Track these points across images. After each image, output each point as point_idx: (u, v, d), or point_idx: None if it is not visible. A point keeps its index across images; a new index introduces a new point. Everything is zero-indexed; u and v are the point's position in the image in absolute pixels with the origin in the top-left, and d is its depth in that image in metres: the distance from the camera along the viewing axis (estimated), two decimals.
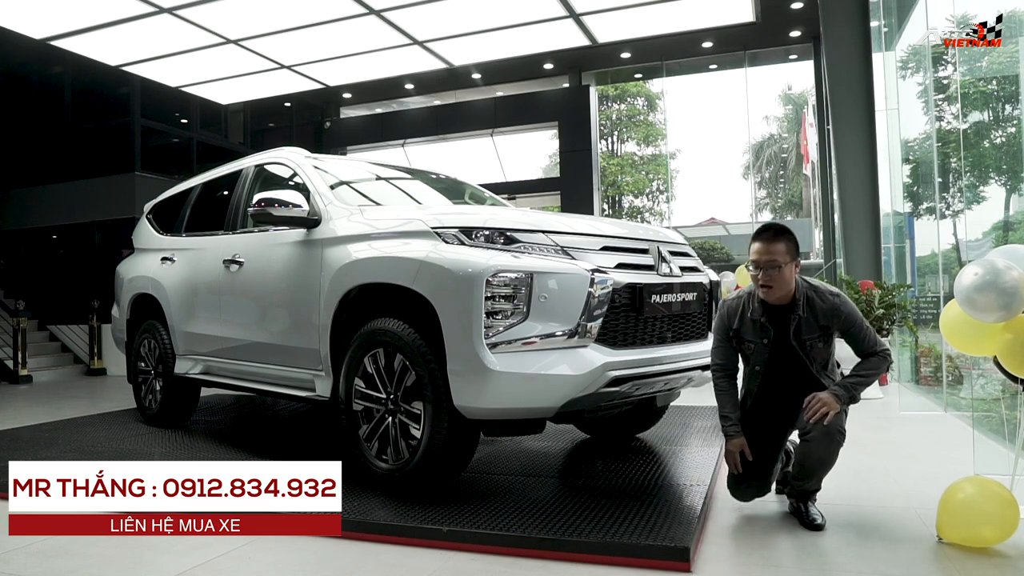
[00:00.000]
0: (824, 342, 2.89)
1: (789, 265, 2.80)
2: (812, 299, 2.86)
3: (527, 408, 2.89)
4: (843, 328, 2.87)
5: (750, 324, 2.94)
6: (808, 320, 2.85)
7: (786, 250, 2.80)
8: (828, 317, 2.85)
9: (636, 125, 23.33)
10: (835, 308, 2.85)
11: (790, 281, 2.83)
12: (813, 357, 2.89)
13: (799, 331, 2.87)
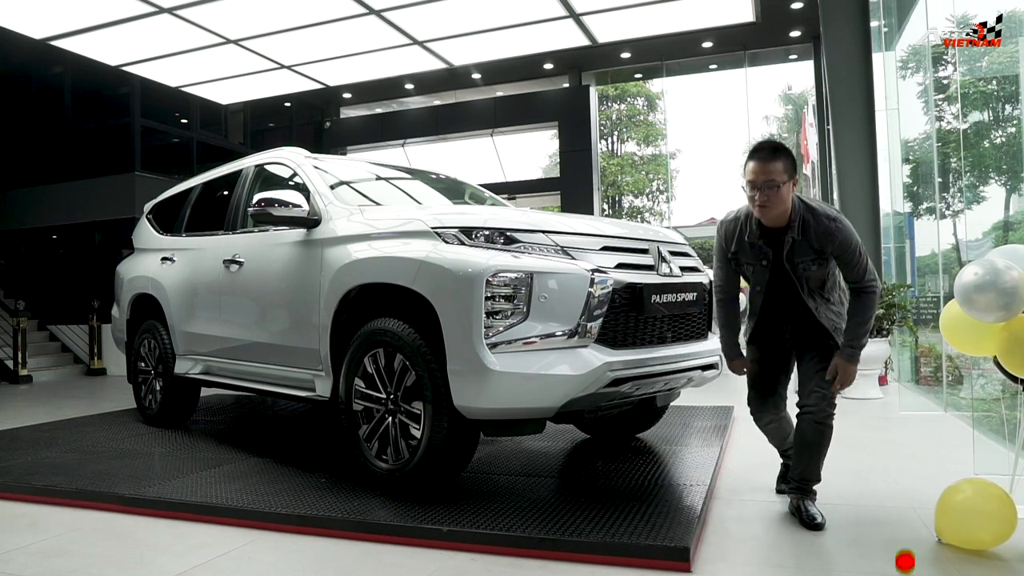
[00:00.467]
0: (818, 265, 2.81)
1: (787, 184, 2.72)
2: (807, 221, 2.77)
3: (527, 408, 2.89)
4: (837, 253, 2.79)
5: (747, 247, 2.90)
6: (802, 243, 2.78)
7: (783, 168, 2.72)
8: (822, 240, 2.75)
9: (636, 125, 23.33)
10: (829, 232, 2.74)
11: (787, 201, 2.75)
12: (806, 280, 2.83)
13: (792, 253, 2.80)
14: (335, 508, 3.01)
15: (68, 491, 3.51)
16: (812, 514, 2.82)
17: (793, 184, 2.74)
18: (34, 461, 4.18)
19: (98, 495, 3.42)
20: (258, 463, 3.96)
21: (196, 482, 3.56)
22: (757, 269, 2.91)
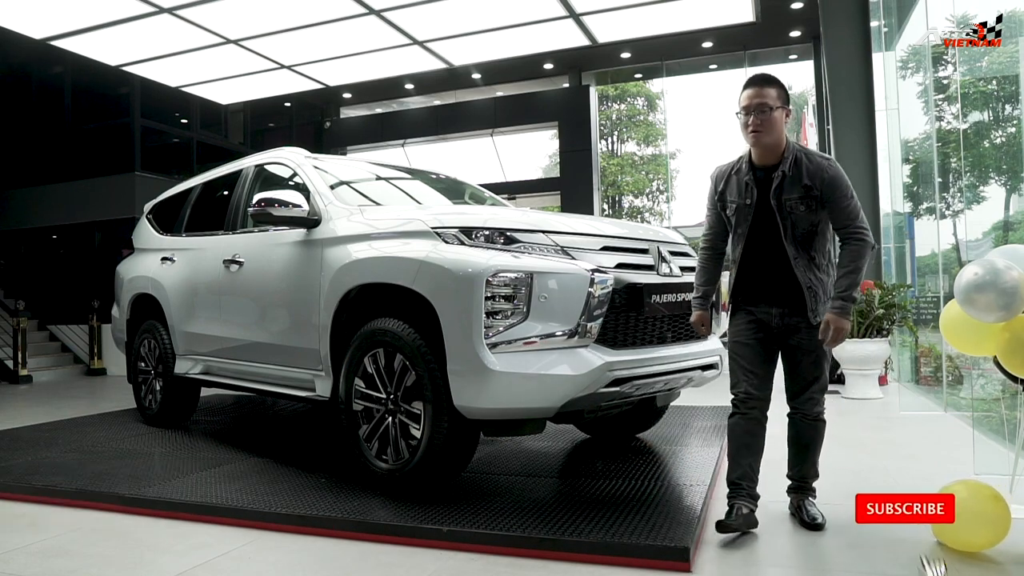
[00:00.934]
0: (806, 206, 2.65)
1: (780, 111, 2.66)
2: (800, 159, 2.67)
3: (527, 408, 2.89)
4: (826, 191, 2.63)
5: (735, 184, 2.78)
6: (792, 180, 2.66)
7: (777, 95, 2.66)
8: (812, 176, 2.64)
9: (636, 125, 23.31)
10: (821, 168, 2.64)
11: (781, 129, 2.68)
12: (791, 222, 2.67)
13: (780, 189, 2.67)
14: (335, 508, 3.01)
15: (68, 491, 3.51)
16: (813, 515, 2.82)
17: (786, 115, 2.68)
18: (34, 461, 4.18)
19: (98, 495, 3.42)
20: (258, 463, 3.96)
21: (196, 482, 3.56)
22: (741, 208, 2.75)
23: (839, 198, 2.64)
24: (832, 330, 2.58)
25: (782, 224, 2.68)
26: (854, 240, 2.63)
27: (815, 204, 2.65)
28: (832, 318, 2.59)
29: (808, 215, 2.66)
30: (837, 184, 2.63)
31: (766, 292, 2.76)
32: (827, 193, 2.63)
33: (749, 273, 2.80)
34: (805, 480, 2.89)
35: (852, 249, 2.62)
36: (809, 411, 2.79)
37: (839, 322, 2.58)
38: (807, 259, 2.69)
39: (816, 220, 2.67)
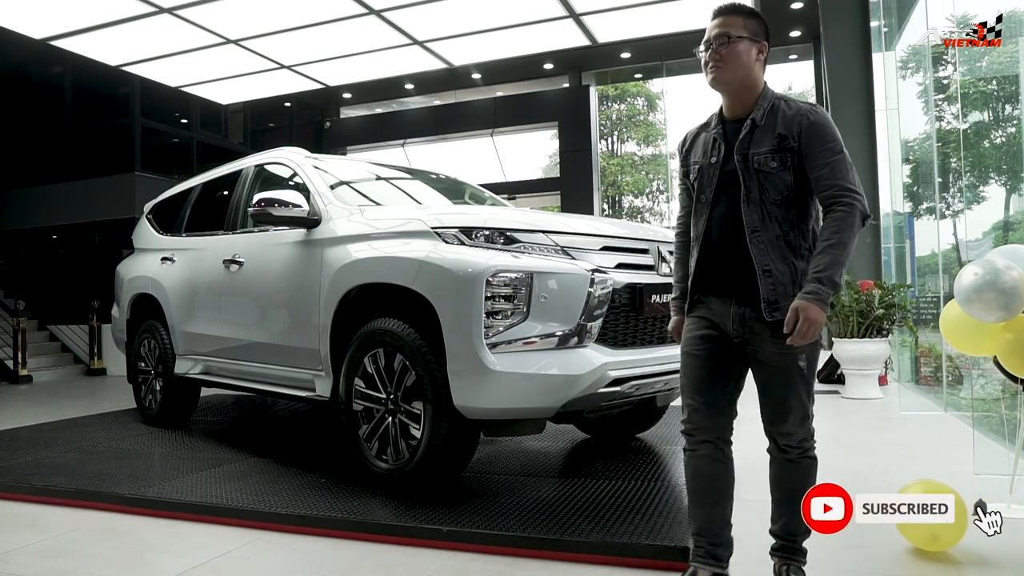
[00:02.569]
0: (779, 162, 2.02)
1: (746, 43, 2.07)
2: (778, 106, 2.07)
3: (527, 408, 2.89)
4: (805, 141, 2.01)
5: (702, 142, 2.22)
6: (764, 129, 2.06)
7: (744, 24, 2.09)
8: (789, 124, 2.03)
9: (636, 125, 23.30)
10: (801, 113, 2.03)
11: (748, 66, 2.08)
12: (759, 184, 2.04)
13: (747, 142, 2.07)
14: (335, 508, 3.01)
15: (68, 491, 3.51)
16: None
17: (760, 51, 2.10)
18: (34, 461, 4.18)
19: (98, 495, 3.42)
20: (258, 463, 3.96)
21: (196, 482, 3.56)
22: (704, 169, 2.16)
23: (821, 151, 2.00)
24: (801, 320, 1.91)
25: (744, 186, 2.06)
26: (839, 207, 1.96)
27: (791, 159, 2.03)
28: (800, 304, 1.92)
29: (781, 174, 2.03)
30: (819, 132, 2.01)
31: (726, 282, 2.11)
32: (806, 144, 2.01)
33: (709, 256, 2.15)
34: (792, 539, 2.17)
35: (835, 218, 1.96)
36: (787, 446, 2.11)
37: (809, 310, 1.91)
38: (774, 236, 2.03)
39: (791, 183, 2.03)
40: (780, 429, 2.11)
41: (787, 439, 2.10)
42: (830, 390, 6.59)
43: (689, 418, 2.15)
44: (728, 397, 2.16)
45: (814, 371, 2.11)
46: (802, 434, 2.10)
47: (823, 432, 2.13)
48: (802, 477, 2.12)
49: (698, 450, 2.14)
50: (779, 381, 2.07)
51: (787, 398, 2.07)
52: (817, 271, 1.94)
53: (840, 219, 1.96)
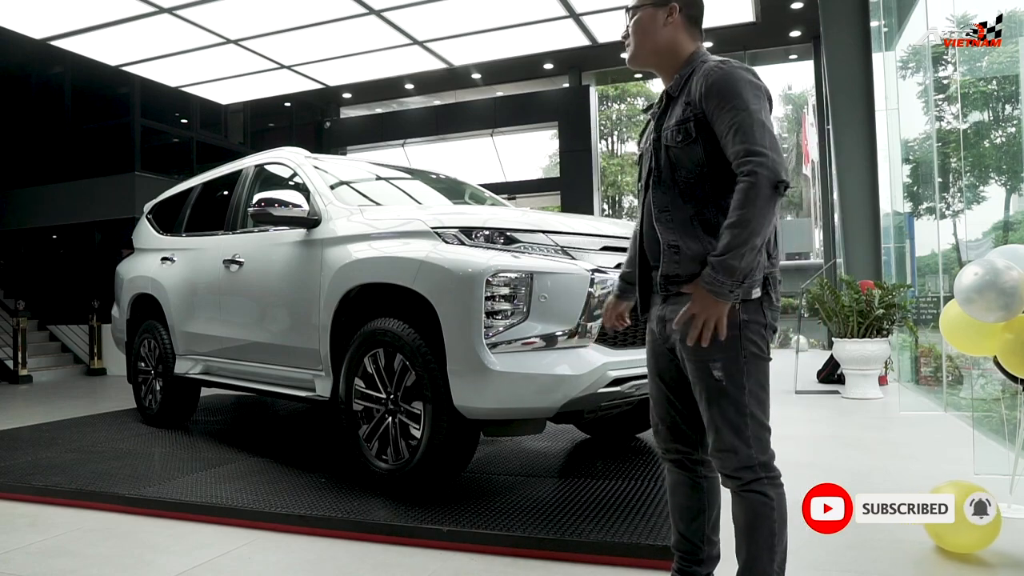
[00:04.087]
0: (684, 134, 1.77)
1: (648, 9, 1.88)
2: (696, 72, 1.81)
3: (527, 408, 2.89)
4: (707, 105, 1.73)
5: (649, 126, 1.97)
6: (677, 100, 1.83)
7: None
8: (695, 87, 1.77)
9: (636, 125, 23.31)
10: (706, 73, 1.76)
11: (652, 34, 1.87)
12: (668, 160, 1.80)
13: (662, 117, 1.86)
14: (335, 508, 3.01)
15: (68, 491, 3.51)
16: None
17: (668, 15, 1.88)
18: (34, 461, 4.18)
19: (98, 495, 3.42)
20: (258, 463, 3.96)
21: (196, 482, 3.56)
22: (644, 155, 1.94)
23: (722, 113, 1.70)
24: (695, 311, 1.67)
25: (654, 166, 1.84)
26: (741, 177, 1.65)
27: (695, 129, 1.75)
28: (696, 292, 1.68)
29: (689, 149, 1.77)
30: (718, 91, 1.71)
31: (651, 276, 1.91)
32: (707, 107, 1.73)
33: (640, 251, 1.94)
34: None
35: (739, 190, 1.65)
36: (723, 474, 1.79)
37: (703, 300, 1.66)
38: (687, 216, 1.77)
39: (701, 156, 1.76)
40: (711, 453, 1.79)
41: (719, 464, 1.77)
42: (830, 390, 6.60)
43: (655, 428, 2.00)
44: (681, 414, 1.91)
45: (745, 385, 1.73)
46: (736, 461, 1.73)
47: (823, 432, 2.13)
48: (747, 517, 1.75)
49: (669, 462, 1.99)
50: (698, 394, 1.78)
51: (709, 416, 1.76)
52: (713, 255, 1.65)
53: (743, 191, 1.63)
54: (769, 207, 1.62)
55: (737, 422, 1.73)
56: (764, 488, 1.74)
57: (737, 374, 1.72)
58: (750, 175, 1.63)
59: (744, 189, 1.63)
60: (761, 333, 1.76)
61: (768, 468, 1.76)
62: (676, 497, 1.98)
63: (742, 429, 1.73)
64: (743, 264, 1.62)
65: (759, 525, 1.74)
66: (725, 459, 1.75)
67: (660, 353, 1.91)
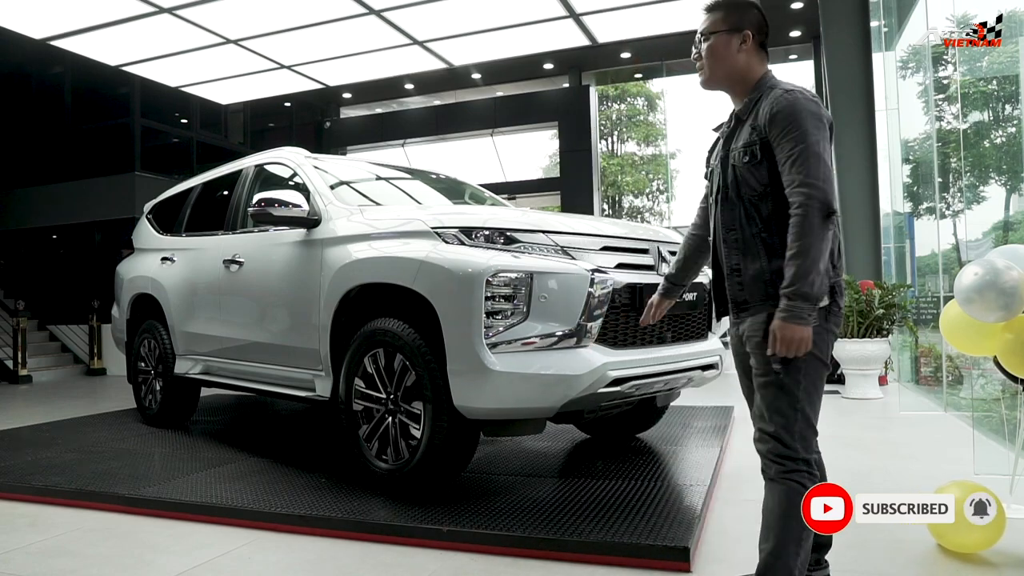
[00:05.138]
0: (750, 156, 1.92)
1: (722, 36, 1.98)
2: (764, 96, 1.95)
3: (527, 408, 2.89)
4: (771, 132, 1.88)
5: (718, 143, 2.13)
6: (746, 123, 1.98)
7: (721, 18, 2.00)
8: (761, 114, 1.92)
9: (636, 125, 23.31)
10: (772, 100, 1.89)
11: (727, 59, 1.99)
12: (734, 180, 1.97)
13: (731, 138, 2.03)
14: (335, 508, 3.01)
15: (68, 491, 3.51)
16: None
17: (741, 41, 1.98)
18: (34, 461, 4.18)
19: (98, 495, 3.42)
20: (258, 463, 3.96)
21: (196, 482, 3.56)
22: (714, 171, 2.10)
23: (783, 143, 1.85)
24: (779, 340, 1.82)
25: (722, 184, 2.01)
26: (795, 208, 1.82)
27: (760, 152, 1.91)
28: (775, 324, 1.84)
29: (754, 169, 1.92)
30: (781, 121, 1.85)
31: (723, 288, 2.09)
32: (771, 135, 1.88)
33: (714, 262, 2.12)
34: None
35: (793, 223, 1.82)
36: (762, 459, 1.97)
37: (783, 328, 1.81)
38: (750, 235, 1.94)
39: (765, 177, 1.91)
40: (756, 437, 1.96)
41: (762, 447, 1.94)
42: (830, 390, 6.60)
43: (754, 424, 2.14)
44: None
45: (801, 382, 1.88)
46: (780, 449, 1.88)
47: (823, 432, 2.13)
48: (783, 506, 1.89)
49: None
50: (758, 384, 1.94)
51: (763, 404, 1.92)
52: (785, 289, 1.82)
53: (797, 223, 1.80)
54: (823, 234, 1.80)
55: (788, 413, 1.88)
56: (804, 480, 1.87)
57: (795, 371, 1.87)
58: (801, 207, 1.80)
59: (798, 222, 1.80)
60: (824, 337, 1.91)
61: (809, 465, 1.90)
62: None
63: (791, 421, 1.88)
64: (815, 290, 1.79)
65: (793, 514, 1.86)
66: (769, 444, 1.91)
67: (742, 354, 2.08)
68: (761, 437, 1.94)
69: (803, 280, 1.78)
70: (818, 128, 1.84)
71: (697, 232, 2.30)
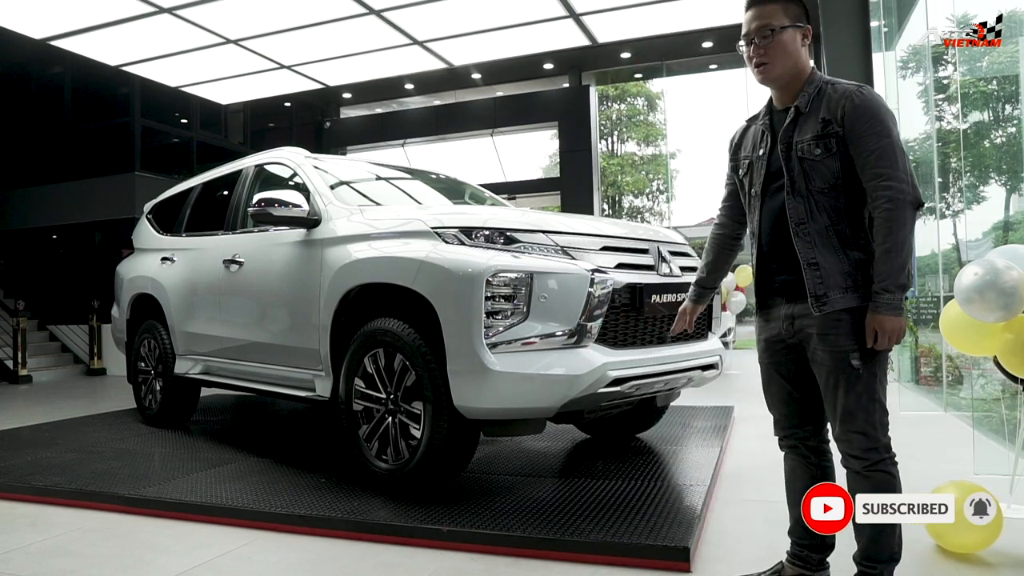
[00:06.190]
0: (824, 148, 1.92)
1: (790, 31, 1.98)
2: (824, 89, 1.97)
3: (527, 408, 2.89)
4: (848, 124, 1.89)
5: (752, 135, 2.15)
6: (808, 116, 1.98)
7: (783, 11, 1.98)
8: (834, 107, 1.92)
9: (636, 125, 23.30)
10: (846, 94, 1.91)
11: (796, 54, 1.99)
12: (803, 172, 1.97)
13: (790, 130, 2.00)
14: (335, 508, 3.01)
15: (68, 491, 3.51)
16: None
17: (804, 37, 2.00)
18: (34, 461, 4.18)
19: (98, 495, 3.42)
20: (258, 463, 3.96)
21: (196, 482, 3.56)
22: (755, 163, 2.11)
23: (866, 136, 1.87)
24: (879, 333, 1.86)
25: (789, 176, 1.99)
26: (884, 202, 1.84)
27: (835, 145, 1.92)
28: (873, 318, 1.87)
29: (827, 161, 1.93)
30: (863, 115, 1.88)
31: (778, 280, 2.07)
32: (850, 128, 1.89)
33: (762, 254, 2.10)
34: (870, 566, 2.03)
35: (883, 217, 1.85)
36: (848, 455, 1.99)
37: (880, 321, 1.85)
38: (823, 227, 1.94)
39: (838, 170, 1.93)
40: (839, 435, 1.98)
41: (847, 446, 1.97)
42: None
43: (774, 418, 2.20)
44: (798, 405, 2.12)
45: (876, 373, 1.93)
46: (866, 443, 1.95)
47: None
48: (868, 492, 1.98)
49: (785, 453, 2.20)
50: (832, 383, 1.95)
51: (843, 402, 1.94)
52: (882, 282, 1.85)
53: (887, 218, 1.84)
54: (912, 227, 1.87)
55: (869, 407, 1.94)
56: (888, 467, 1.99)
57: (871, 362, 1.92)
58: (892, 201, 1.84)
59: (890, 215, 1.84)
60: None
61: (889, 449, 2.01)
62: (794, 483, 2.16)
63: (872, 413, 1.94)
64: (904, 279, 1.85)
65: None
66: (855, 441, 1.95)
67: (776, 350, 2.10)
68: (846, 436, 1.96)
69: (901, 273, 1.84)
70: (895, 124, 1.91)
71: (723, 231, 2.32)
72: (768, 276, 2.09)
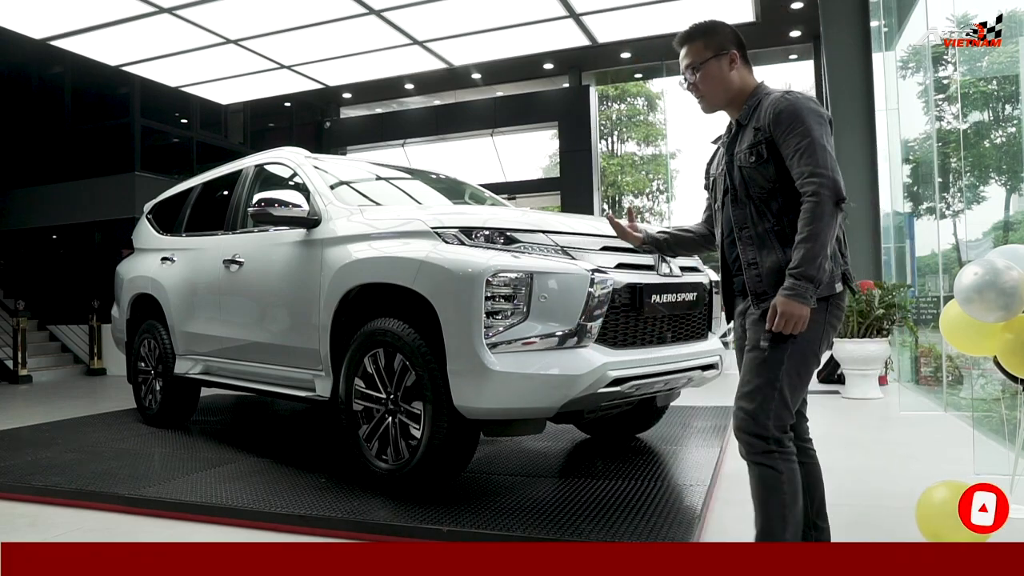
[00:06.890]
0: (756, 156, 2.03)
1: (713, 63, 2.10)
2: (762, 101, 2.07)
3: (527, 408, 2.89)
4: (775, 130, 1.99)
5: (718, 155, 2.27)
6: (748, 126, 2.10)
7: (704, 45, 2.10)
8: (763, 115, 2.03)
9: (636, 125, 23.31)
10: (772, 101, 2.02)
11: (724, 80, 2.11)
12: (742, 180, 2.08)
13: (733, 143, 2.13)
14: (335, 508, 3.01)
15: (68, 491, 3.51)
16: None
17: (730, 61, 2.11)
18: (34, 461, 4.18)
19: (98, 495, 3.42)
20: (258, 463, 3.96)
21: (196, 482, 3.56)
22: (716, 179, 2.24)
23: (788, 139, 1.96)
24: (778, 315, 1.92)
25: (730, 185, 2.11)
26: (807, 197, 1.93)
27: (767, 151, 2.02)
28: (777, 300, 1.94)
29: (760, 168, 2.03)
30: (784, 119, 1.97)
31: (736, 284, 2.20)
32: (775, 133, 1.99)
33: (723, 261, 2.24)
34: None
35: (805, 210, 1.93)
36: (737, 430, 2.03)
37: (784, 305, 1.91)
38: (764, 230, 2.05)
39: (772, 174, 2.02)
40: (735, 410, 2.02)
41: (735, 420, 2.02)
42: (830, 390, 6.59)
43: None
44: None
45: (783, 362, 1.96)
46: (752, 427, 1.96)
47: (823, 432, 2.14)
48: (759, 489, 1.98)
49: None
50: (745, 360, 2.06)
51: (745, 377, 2.02)
52: (792, 269, 1.93)
53: (809, 210, 1.92)
54: (833, 221, 1.92)
55: (766, 391, 1.96)
56: (775, 462, 1.96)
57: (780, 350, 1.96)
58: (815, 195, 1.91)
59: (810, 208, 1.91)
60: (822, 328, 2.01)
61: (781, 444, 1.97)
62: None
63: (768, 399, 1.96)
64: (820, 274, 1.91)
65: (769, 498, 1.96)
66: (742, 420, 1.99)
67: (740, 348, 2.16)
68: (736, 409, 2.01)
69: (811, 263, 1.89)
70: (820, 123, 1.97)
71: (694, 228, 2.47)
72: (729, 282, 2.22)
